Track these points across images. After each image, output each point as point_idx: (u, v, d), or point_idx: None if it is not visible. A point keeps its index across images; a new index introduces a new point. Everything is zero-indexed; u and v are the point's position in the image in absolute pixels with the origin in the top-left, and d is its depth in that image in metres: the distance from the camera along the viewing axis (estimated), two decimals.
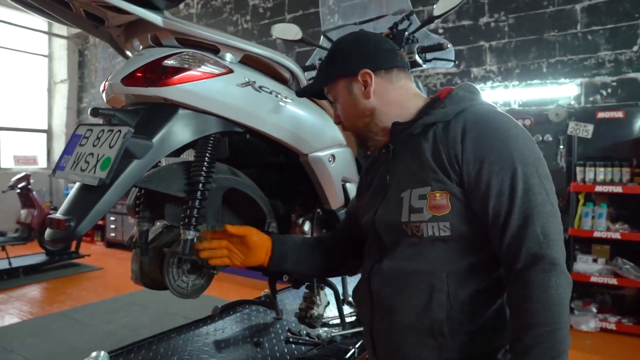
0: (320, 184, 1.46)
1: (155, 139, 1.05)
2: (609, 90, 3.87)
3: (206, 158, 1.16)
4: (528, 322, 0.83)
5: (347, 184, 1.55)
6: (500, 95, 4.48)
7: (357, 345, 1.52)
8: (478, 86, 4.57)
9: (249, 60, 1.24)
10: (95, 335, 3.43)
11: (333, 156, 1.46)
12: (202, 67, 1.10)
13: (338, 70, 1.07)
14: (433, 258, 0.95)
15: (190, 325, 1.73)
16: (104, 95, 1.18)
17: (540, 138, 3.97)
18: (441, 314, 0.93)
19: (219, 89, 1.13)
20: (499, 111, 0.97)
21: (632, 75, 3.78)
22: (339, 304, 1.66)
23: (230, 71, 1.15)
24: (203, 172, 1.15)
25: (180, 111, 1.10)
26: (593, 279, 3.44)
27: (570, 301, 0.86)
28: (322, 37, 2.29)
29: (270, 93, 1.23)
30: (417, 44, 1.88)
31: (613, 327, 3.38)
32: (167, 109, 1.10)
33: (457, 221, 0.92)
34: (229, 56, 1.16)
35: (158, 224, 1.40)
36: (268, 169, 1.53)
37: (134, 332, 3.45)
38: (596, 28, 3.92)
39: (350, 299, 1.88)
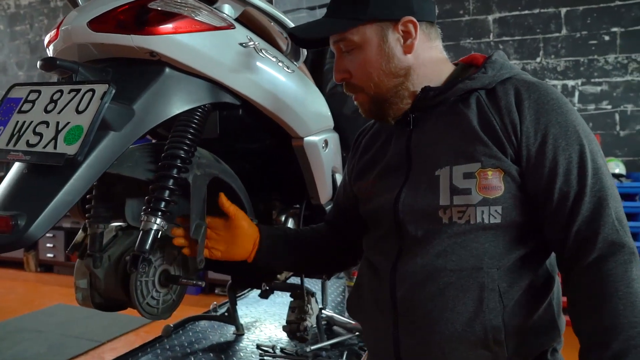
0: (311, 174, 1.25)
1: (136, 106, 0.78)
2: None
3: (191, 130, 0.87)
4: (614, 323, 0.71)
5: (336, 175, 1.36)
6: None
7: (344, 358, 1.34)
8: None
9: (244, 20, 1.00)
10: None
11: (326, 142, 1.26)
12: (199, 16, 0.85)
13: (371, 11, 0.84)
14: (479, 251, 0.80)
15: (136, 351, 1.41)
16: (51, 47, 0.86)
17: None
18: (496, 318, 0.78)
19: (218, 46, 0.88)
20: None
21: None
22: (319, 312, 1.46)
23: (232, 26, 0.90)
24: (184, 146, 0.86)
25: (168, 71, 0.83)
26: None
27: None
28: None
29: (273, 59, 1.01)
30: None
31: None
32: (151, 67, 0.82)
33: (509, 205, 0.79)
34: (227, 8, 0.92)
35: (110, 225, 1.09)
36: (248, 157, 1.28)
37: None
38: (506, 38, 4.20)
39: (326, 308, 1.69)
